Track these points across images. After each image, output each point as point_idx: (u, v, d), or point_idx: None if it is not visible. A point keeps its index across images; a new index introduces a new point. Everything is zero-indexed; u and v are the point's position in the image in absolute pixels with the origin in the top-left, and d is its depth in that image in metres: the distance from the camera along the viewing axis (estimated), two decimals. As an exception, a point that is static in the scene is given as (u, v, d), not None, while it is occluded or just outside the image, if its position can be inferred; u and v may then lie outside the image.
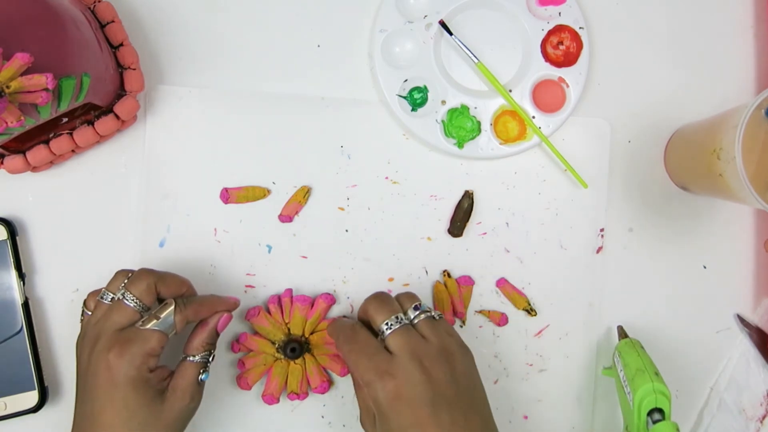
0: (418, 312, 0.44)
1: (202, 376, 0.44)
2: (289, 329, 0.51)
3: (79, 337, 0.44)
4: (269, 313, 0.51)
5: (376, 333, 0.44)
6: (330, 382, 0.51)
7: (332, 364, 0.51)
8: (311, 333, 0.51)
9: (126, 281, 0.44)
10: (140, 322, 0.42)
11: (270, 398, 0.50)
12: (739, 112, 0.43)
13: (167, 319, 0.43)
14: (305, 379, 0.51)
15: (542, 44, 0.53)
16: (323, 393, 0.51)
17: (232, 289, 0.52)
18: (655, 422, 0.45)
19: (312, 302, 0.51)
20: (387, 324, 0.43)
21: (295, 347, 0.50)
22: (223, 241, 0.52)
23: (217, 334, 0.46)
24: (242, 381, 0.50)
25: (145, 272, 0.44)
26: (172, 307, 0.43)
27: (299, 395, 0.50)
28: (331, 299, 0.51)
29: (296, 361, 0.50)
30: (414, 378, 0.41)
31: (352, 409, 0.52)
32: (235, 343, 0.51)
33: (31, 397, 0.49)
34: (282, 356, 0.50)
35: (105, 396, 0.40)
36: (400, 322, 0.43)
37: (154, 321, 0.42)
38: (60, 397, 0.50)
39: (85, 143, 0.47)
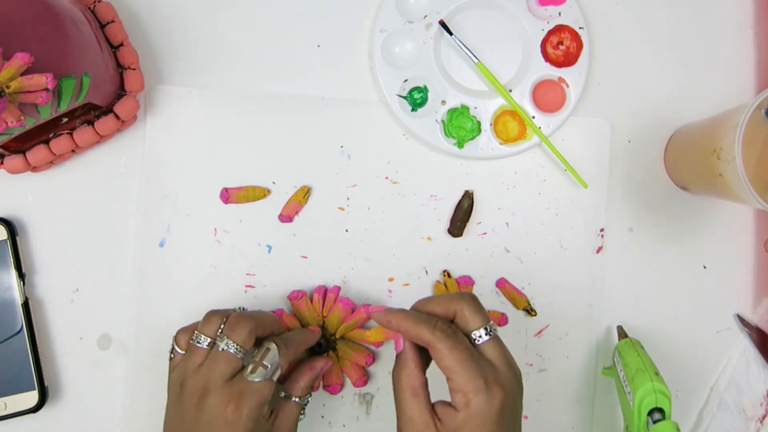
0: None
1: (301, 417, 0.45)
2: (324, 323, 0.51)
3: (174, 379, 0.43)
4: (311, 301, 0.51)
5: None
6: (342, 386, 0.51)
7: (351, 370, 0.51)
8: (341, 337, 0.51)
9: (223, 326, 0.43)
10: (249, 373, 0.42)
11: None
12: (739, 112, 0.43)
13: (273, 365, 0.42)
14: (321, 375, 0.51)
15: (542, 44, 0.53)
16: (334, 394, 0.51)
17: (233, 289, 0.52)
18: (655, 422, 0.45)
19: (353, 308, 0.51)
20: (487, 329, 0.40)
21: (322, 343, 0.50)
22: (223, 241, 0.52)
23: (320, 378, 0.47)
24: None
25: (245, 318, 0.43)
26: (275, 350, 0.43)
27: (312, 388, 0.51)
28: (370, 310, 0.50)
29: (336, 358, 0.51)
30: (515, 392, 0.39)
31: (352, 409, 0.52)
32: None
33: (31, 397, 0.49)
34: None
35: None
36: (493, 332, 0.40)
37: (261, 370, 0.42)
38: (60, 397, 0.50)
39: (85, 143, 0.47)
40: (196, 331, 0.44)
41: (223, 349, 0.42)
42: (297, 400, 0.45)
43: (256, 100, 0.52)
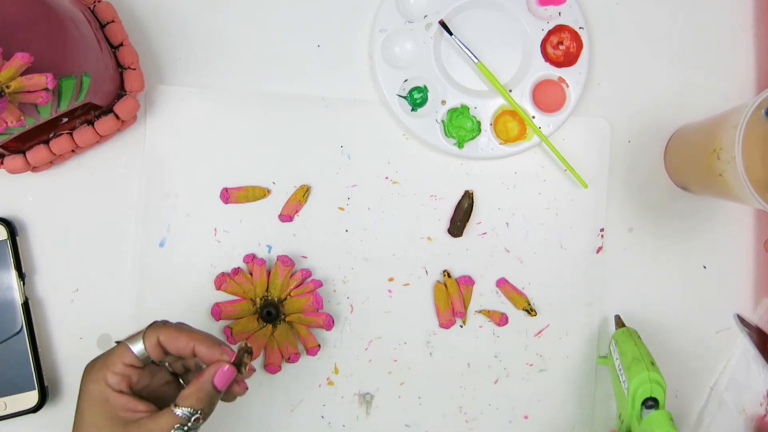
0: None
1: None
2: (267, 287, 0.51)
3: None
4: (249, 272, 0.51)
5: None
6: (280, 366, 0.51)
7: (308, 337, 0.51)
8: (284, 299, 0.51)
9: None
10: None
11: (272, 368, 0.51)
12: (739, 112, 0.43)
13: (138, 335, 0.40)
14: (278, 350, 0.51)
15: (542, 44, 0.53)
16: (273, 373, 0.51)
17: (232, 289, 0.52)
18: (648, 409, 0.45)
19: (293, 267, 0.51)
20: None
21: (272, 311, 0.50)
22: (223, 241, 0.52)
23: (217, 392, 0.39)
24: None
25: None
26: (149, 324, 0.40)
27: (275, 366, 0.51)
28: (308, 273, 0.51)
29: (274, 333, 0.50)
30: None
31: (352, 409, 0.52)
32: (216, 308, 0.50)
33: (31, 397, 0.49)
34: (260, 320, 0.50)
35: (77, 417, 0.39)
36: None
37: (127, 337, 0.40)
38: (60, 397, 0.50)
39: (85, 143, 0.47)
40: None
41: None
42: (176, 410, 0.38)
43: (256, 100, 0.52)
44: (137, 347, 0.39)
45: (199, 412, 0.38)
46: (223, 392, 0.39)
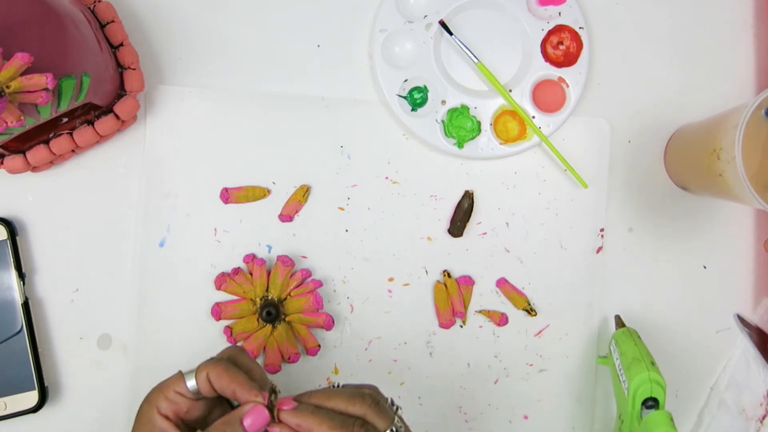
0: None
1: None
2: (267, 288, 0.51)
3: None
4: (249, 273, 0.51)
5: None
6: (299, 354, 0.51)
7: (308, 337, 0.51)
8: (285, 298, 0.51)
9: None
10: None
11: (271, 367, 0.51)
12: (739, 112, 0.43)
13: (191, 372, 0.39)
14: (278, 350, 0.51)
15: (542, 44, 0.53)
16: (273, 372, 0.51)
17: (232, 289, 0.52)
18: (648, 408, 0.45)
19: (293, 266, 0.51)
20: (393, 430, 0.38)
21: (272, 311, 0.50)
22: (223, 241, 0.52)
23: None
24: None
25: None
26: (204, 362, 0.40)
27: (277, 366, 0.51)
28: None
29: (274, 333, 0.50)
30: None
31: (352, 409, 0.52)
32: (216, 308, 0.51)
33: (31, 397, 0.49)
34: (260, 319, 0.50)
35: None
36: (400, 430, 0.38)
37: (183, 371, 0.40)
38: (60, 397, 0.50)
39: (85, 143, 0.47)
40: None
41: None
42: None
43: (256, 100, 0.52)
44: (191, 381, 0.39)
45: None
46: None
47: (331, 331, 0.52)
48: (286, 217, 0.52)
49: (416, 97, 0.52)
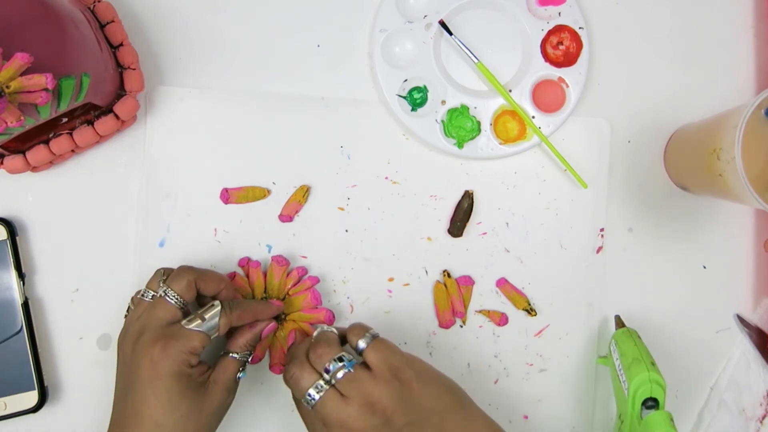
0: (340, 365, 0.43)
1: (240, 374, 0.45)
2: (265, 289, 0.51)
3: (121, 333, 0.45)
4: (246, 276, 0.51)
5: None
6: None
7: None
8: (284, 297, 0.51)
9: (165, 278, 0.45)
10: (186, 321, 0.43)
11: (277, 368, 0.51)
12: (739, 112, 0.43)
13: (212, 321, 0.44)
14: (282, 350, 0.51)
15: (542, 44, 0.53)
16: (278, 373, 0.50)
17: (232, 289, 0.52)
18: (648, 409, 0.45)
19: (288, 266, 0.51)
20: (367, 337, 0.44)
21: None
22: (223, 241, 0.52)
23: (260, 339, 0.47)
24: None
25: (185, 269, 0.45)
26: (218, 309, 0.44)
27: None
28: (304, 270, 0.51)
29: (277, 333, 0.50)
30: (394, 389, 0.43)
31: (352, 409, 0.52)
32: None
33: (31, 397, 0.49)
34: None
35: (149, 388, 0.41)
36: (371, 337, 0.44)
37: (199, 321, 0.43)
38: (60, 397, 0.50)
39: (85, 143, 0.47)
40: (144, 287, 0.46)
41: (161, 296, 0.44)
42: (235, 355, 0.45)
43: (256, 100, 0.52)
44: (212, 330, 0.44)
45: (251, 353, 0.46)
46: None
47: (331, 331, 0.52)
48: (286, 217, 0.52)
49: (416, 97, 0.52)
